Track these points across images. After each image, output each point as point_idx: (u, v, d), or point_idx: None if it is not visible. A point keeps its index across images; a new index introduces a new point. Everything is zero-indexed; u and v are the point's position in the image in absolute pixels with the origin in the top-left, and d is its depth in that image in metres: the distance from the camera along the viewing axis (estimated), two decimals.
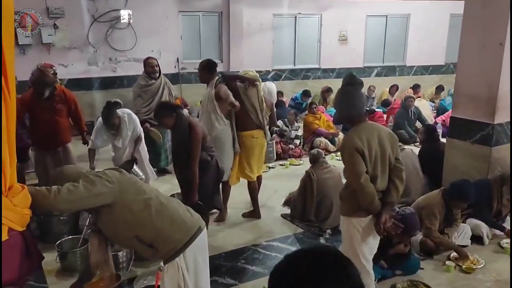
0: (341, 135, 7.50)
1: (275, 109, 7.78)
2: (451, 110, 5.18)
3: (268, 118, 5.00)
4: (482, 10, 4.57)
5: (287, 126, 7.54)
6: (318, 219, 4.53)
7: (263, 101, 4.61)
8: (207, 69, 4.54)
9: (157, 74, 5.67)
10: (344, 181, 4.72)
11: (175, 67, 8.99)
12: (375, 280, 3.16)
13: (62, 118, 4.61)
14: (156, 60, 5.74)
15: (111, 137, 4.66)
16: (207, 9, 9.09)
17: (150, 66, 5.65)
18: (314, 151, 4.93)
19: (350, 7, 10.12)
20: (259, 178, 4.85)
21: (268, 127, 4.80)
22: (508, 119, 4.66)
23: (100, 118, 4.60)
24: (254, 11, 9.33)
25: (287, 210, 4.87)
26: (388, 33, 10.86)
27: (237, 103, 4.37)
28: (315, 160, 4.72)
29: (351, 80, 2.89)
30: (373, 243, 2.90)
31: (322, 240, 4.27)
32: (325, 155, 6.67)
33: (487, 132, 4.63)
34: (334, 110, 8.71)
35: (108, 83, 8.43)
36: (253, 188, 4.73)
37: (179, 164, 3.90)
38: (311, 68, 10.28)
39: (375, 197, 2.74)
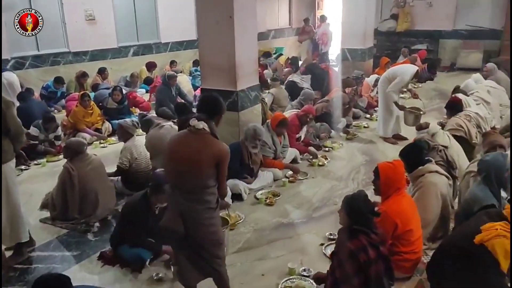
0: (107, 124, 7.12)
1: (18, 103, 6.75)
2: None
3: None
4: None
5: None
6: (83, 215, 4.18)
7: None
8: None
9: None
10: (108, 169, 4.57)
11: None
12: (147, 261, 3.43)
13: None
14: None
15: None
16: None
17: None
18: (72, 142, 4.48)
19: None
20: None
21: None
22: (248, 86, 5.23)
23: None
24: None
25: (47, 214, 4.35)
26: (138, 11, 10.69)
27: None
28: (74, 153, 4.33)
29: None
30: None
31: (90, 236, 3.97)
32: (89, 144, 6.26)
33: (233, 99, 5.09)
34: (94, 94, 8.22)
35: None
36: None
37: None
38: (60, 52, 9.28)
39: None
